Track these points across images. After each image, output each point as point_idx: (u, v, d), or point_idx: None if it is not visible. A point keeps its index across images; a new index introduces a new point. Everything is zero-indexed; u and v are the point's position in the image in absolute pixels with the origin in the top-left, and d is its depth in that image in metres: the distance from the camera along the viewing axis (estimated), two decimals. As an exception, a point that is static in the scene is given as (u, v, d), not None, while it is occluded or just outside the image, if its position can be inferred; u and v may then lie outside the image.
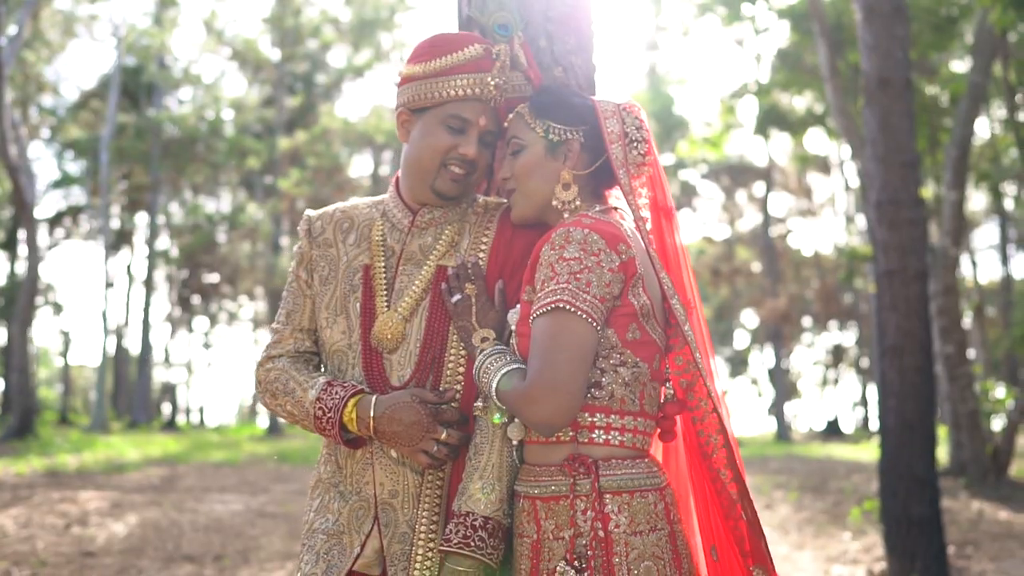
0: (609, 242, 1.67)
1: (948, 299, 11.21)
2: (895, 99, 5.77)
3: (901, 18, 5.91)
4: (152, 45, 26.70)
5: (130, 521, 7.83)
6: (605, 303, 1.65)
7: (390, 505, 1.82)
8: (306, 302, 1.98)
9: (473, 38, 1.89)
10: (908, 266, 5.62)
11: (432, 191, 1.90)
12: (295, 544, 7.05)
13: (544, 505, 1.68)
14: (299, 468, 12.82)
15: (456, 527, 1.72)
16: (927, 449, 5.56)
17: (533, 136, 1.81)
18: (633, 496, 1.65)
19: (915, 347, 5.59)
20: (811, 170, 34.04)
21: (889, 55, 5.82)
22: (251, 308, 46.11)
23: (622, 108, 1.83)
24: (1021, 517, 8.33)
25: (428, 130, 1.87)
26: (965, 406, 10.83)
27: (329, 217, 2.02)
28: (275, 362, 1.94)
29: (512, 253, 1.91)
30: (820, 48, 10.72)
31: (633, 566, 1.61)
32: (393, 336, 1.86)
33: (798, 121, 16.33)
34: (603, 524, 1.62)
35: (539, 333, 1.62)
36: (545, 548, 1.67)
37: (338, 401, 1.80)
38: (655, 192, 1.87)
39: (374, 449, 1.85)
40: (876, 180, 5.78)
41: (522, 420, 1.69)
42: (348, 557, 1.81)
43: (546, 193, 1.81)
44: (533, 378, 1.59)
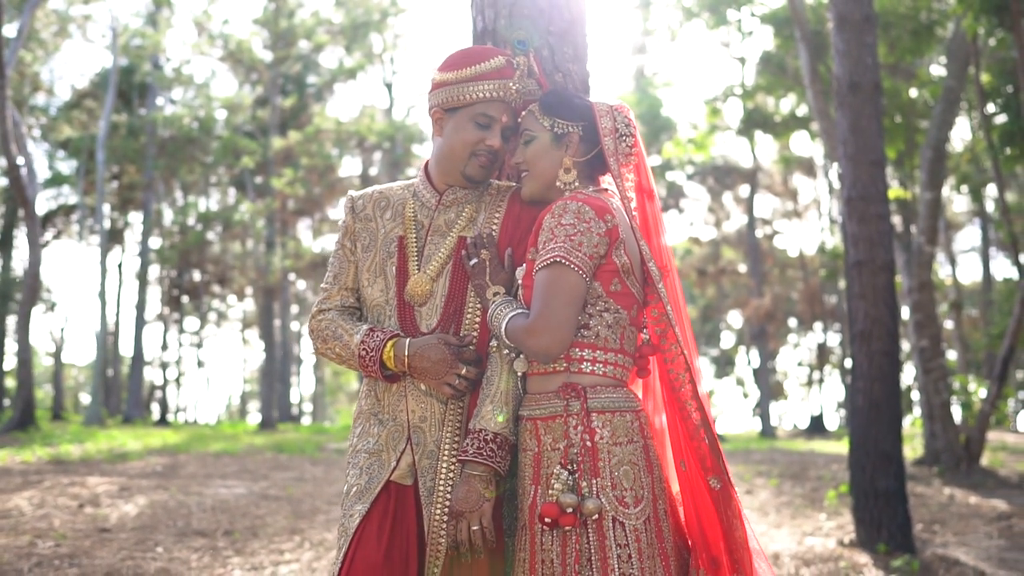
0: (598, 213, 2.10)
1: (923, 295, 11.66)
2: (865, 102, 6.19)
3: (870, 27, 6.33)
4: (146, 45, 27.00)
5: (139, 502, 8.18)
6: (593, 260, 2.08)
7: (420, 428, 2.26)
8: (350, 266, 2.42)
9: (496, 51, 2.33)
10: (876, 257, 6.05)
11: (463, 175, 2.34)
12: (300, 522, 7.43)
13: (543, 423, 2.12)
14: (295, 458, 13.16)
15: (472, 441, 2.15)
16: (893, 427, 5.99)
17: (542, 129, 2.25)
18: (614, 415, 2.10)
19: (882, 333, 6.02)
20: (796, 172, 34.54)
21: (859, 61, 6.25)
22: (240, 308, 46.47)
23: (614, 108, 2.27)
24: (989, 501, 8.74)
25: (460, 126, 2.30)
26: (939, 397, 11.28)
27: (369, 197, 2.47)
28: (325, 314, 2.39)
29: (519, 226, 2.34)
30: (801, 53, 11.16)
31: (614, 469, 2.06)
32: (423, 293, 2.31)
33: (781, 123, 16.73)
34: (590, 437, 2.06)
35: (540, 282, 2.06)
36: (544, 457, 2.10)
37: (379, 343, 2.25)
38: (639, 177, 2.32)
39: (407, 383, 2.28)
40: (847, 178, 6.21)
41: (525, 351, 2.12)
42: (386, 469, 2.24)
43: (551, 175, 2.25)
44: (535, 316, 2.03)
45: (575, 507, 2.00)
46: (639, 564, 2.00)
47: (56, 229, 33.40)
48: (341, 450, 14.87)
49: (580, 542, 2.01)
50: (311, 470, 11.62)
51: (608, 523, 2.01)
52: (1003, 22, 9.95)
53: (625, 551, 2.00)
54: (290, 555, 6.11)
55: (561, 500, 2.00)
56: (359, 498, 2.22)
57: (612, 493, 2.03)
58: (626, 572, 1.99)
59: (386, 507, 2.20)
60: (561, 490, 2.01)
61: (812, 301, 36.89)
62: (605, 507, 2.02)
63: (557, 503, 2.00)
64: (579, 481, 2.03)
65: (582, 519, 2.01)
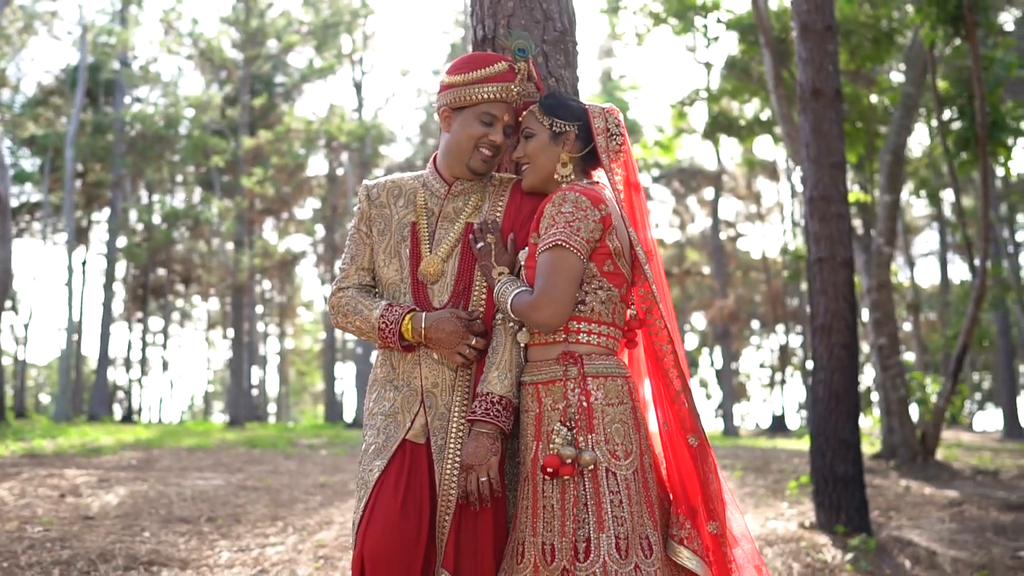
0: (593, 202, 2.39)
1: (881, 294, 12.05)
2: (826, 107, 6.52)
3: (832, 35, 6.66)
4: (114, 43, 26.94)
5: (120, 492, 8.32)
6: (589, 244, 2.37)
7: (432, 393, 2.54)
8: (366, 249, 2.69)
9: (499, 57, 2.61)
10: (836, 254, 6.38)
11: (468, 167, 2.62)
12: (280, 510, 7.62)
13: (544, 387, 2.41)
14: (268, 453, 13.32)
15: (479, 403, 2.43)
16: (851, 416, 6.32)
17: (541, 127, 2.54)
18: (607, 379, 2.39)
19: (842, 326, 6.35)
20: (759, 175, 35.07)
21: (821, 68, 6.57)
22: (204, 308, 46.32)
23: (605, 110, 2.56)
24: (942, 491, 9.12)
25: (466, 123, 2.58)
26: (896, 393, 11.68)
27: (383, 186, 2.74)
28: (345, 292, 2.66)
29: (521, 213, 2.63)
30: (766, 59, 11.49)
31: (607, 427, 2.35)
32: (435, 272, 2.59)
33: (746, 127, 17.07)
34: (586, 398, 2.35)
35: (543, 262, 2.34)
36: (545, 417, 2.38)
37: (398, 316, 2.52)
38: (627, 172, 2.60)
39: (421, 352, 2.56)
40: (809, 179, 6.53)
41: (529, 324, 2.39)
42: (402, 429, 2.51)
43: (550, 168, 2.53)
44: (538, 293, 2.32)
45: (574, 459, 2.28)
46: (628, 508, 2.29)
47: (18, 227, 33.15)
48: (313, 446, 15.05)
49: (578, 489, 2.29)
50: (285, 464, 11.80)
51: (602, 473, 2.30)
52: (958, 31, 10.34)
53: (617, 497, 2.29)
54: (275, 538, 6.32)
55: (561, 452, 2.28)
56: (377, 455, 2.49)
57: (605, 447, 2.32)
58: (617, 515, 2.27)
59: (402, 463, 2.47)
60: (561, 444, 2.29)
61: (775, 303, 37.42)
62: (599, 459, 2.30)
63: (558, 455, 2.28)
64: (576, 436, 2.31)
65: (579, 469, 2.29)
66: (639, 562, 2.26)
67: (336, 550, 5.94)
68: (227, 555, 5.73)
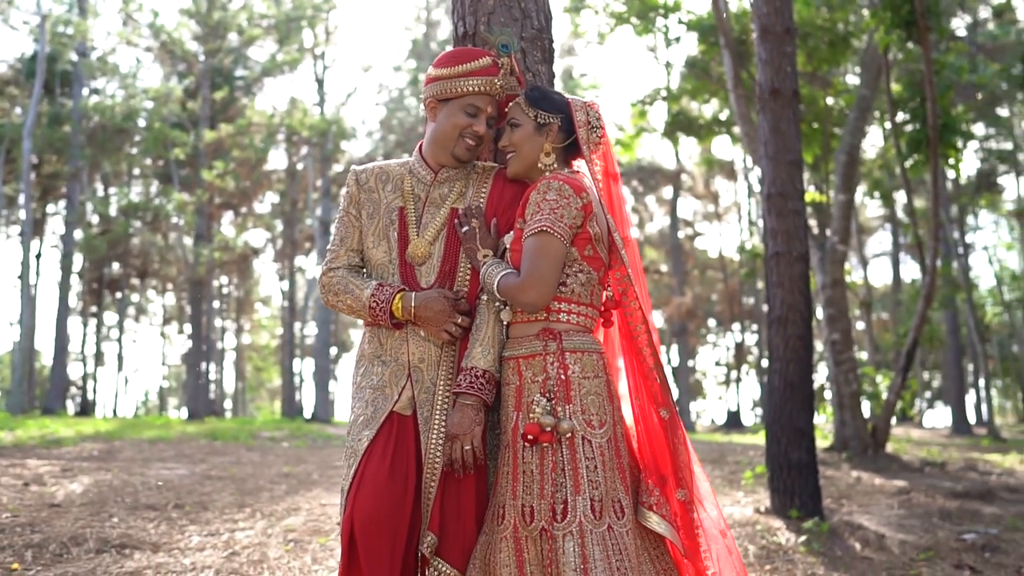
0: (575, 190, 2.56)
1: (835, 291, 12.36)
2: (784, 107, 6.74)
3: (791, 37, 6.89)
4: (72, 33, 26.65)
5: (84, 481, 8.35)
6: (571, 229, 2.54)
7: (419, 368, 2.69)
8: (355, 231, 2.84)
9: (484, 52, 2.77)
10: (792, 249, 6.61)
11: (452, 156, 2.78)
12: (247, 498, 7.70)
13: (524, 361, 2.58)
14: (230, 445, 13.35)
15: (464, 376, 2.60)
16: (806, 404, 6.55)
17: (527, 118, 2.70)
18: (584, 354, 2.56)
19: (797, 318, 6.57)
20: (717, 175, 35.49)
21: (780, 69, 6.79)
22: (159, 303, 45.90)
23: (587, 104, 2.73)
24: (892, 482, 9.41)
25: (451, 114, 2.74)
26: (848, 388, 11.98)
27: (371, 172, 2.89)
28: (336, 272, 2.80)
29: (503, 200, 2.79)
30: (725, 60, 11.73)
31: (584, 398, 2.52)
32: (422, 254, 2.75)
33: (705, 127, 17.33)
34: (564, 371, 2.52)
35: (529, 247, 2.51)
36: (525, 389, 2.55)
37: (388, 296, 2.67)
38: (605, 163, 2.78)
39: (408, 330, 2.71)
40: (767, 176, 6.75)
41: (516, 304, 2.55)
42: (389, 402, 2.66)
43: (533, 157, 2.70)
44: (525, 275, 2.48)
45: (553, 427, 2.45)
46: (603, 473, 2.46)
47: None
48: (275, 438, 15.08)
49: (556, 456, 2.46)
50: (247, 455, 11.84)
51: (579, 441, 2.47)
52: (911, 36, 10.66)
53: (592, 463, 2.46)
54: (243, 524, 6.41)
55: (541, 421, 2.45)
56: (366, 425, 2.64)
57: (582, 417, 2.49)
58: (592, 479, 2.44)
59: (389, 432, 2.62)
60: (541, 413, 2.46)
61: (731, 301, 37.91)
62: (576, 428, 2.47)
63: (538, 423, 2.45)
64: (555, 407, 2.48)
65: (558, 437, 2.46)
66: (612, 523, 2.43)
67: (305, 534, 6.06)
68: (197, 539, 5.82)
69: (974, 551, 5.83)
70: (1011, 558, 5.66)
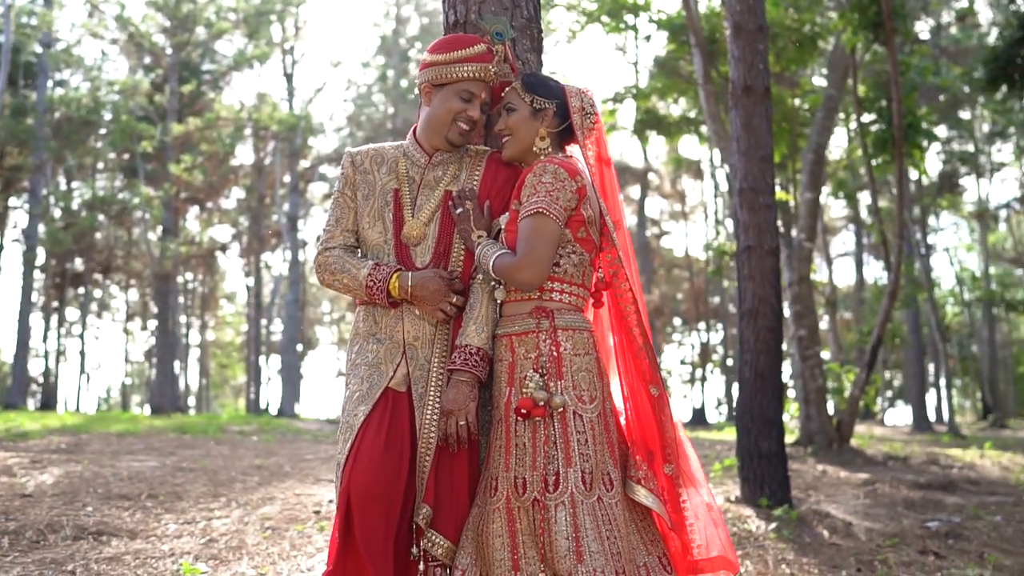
0: (570, 174, 2.64)
1: (802, 288, 12.54)
2: (756, 103, 6.86)
3: (763, 35, 7.01)
4: (38, 23, 26.34)
5: (55, 472, 8.30)
6: (566, 211, 2.61)
7: (413, 346, 2.76)
8: (350, 212, 2.90)
9: (478, 39, 2.84)
10: (763, 243, 6.73)
11: (446, 140, 2.85)
12: (220, 488, 7.71)
13: (517, 338, 2.65)
14: (199, 438, 13.28)
15: (459, 354, 2.67)
16: (775, 395, 6.68)
17: (523, 103, 2.77)
18: (575, 332, 2.64)
19: (768, 311, 6.70)
20: (685, 174, 35.75)
21: (752, 66, 6.91)
22: (123, 299, 45.44)
23: (581, 91, 2.81)
24: (856, 475, 9.58)
25: (446, 98, 2.81)
26: (814, 383, 12.17)
27: (366, 154, 2.95)
28: (332, 251, 2.86)
29: (496, 182, 2.86)
30: (696, 58, 11.87)
31: (575, 374, 2.60)
32: (417, 235, 2.81)
33: (673, 125, 17.47)
34: (556, 348, 2.60)
35: (525, 228, 2.58)
36: (518, 365, 2.63)
37: (385, 275, 2.74)
38: (599, 148, 2.86)
39: (403, 308, 2.78)
40: (739, 171, 6.87)
41: (511, 283, 2.63)
42: (385, 378, 2.73)
43: (529, 141, 2.77)
44: (521, 255, 2.56)
45: (545, 401, 2.53)
46: (593, 447, 2.55)
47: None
48: (244, 432, 15.03)
49: (548, 429, 2.54)
50: (217, 449, 11.80)
51: (570, 415, 2.55)
52: (878, 37, 10.86)
53: (583, 437, 2.54)
54: (219, 512, 6.43)
55: (535, 395, 2.52)
56: (361, 401, 2.71)
57: (573, 392, 2.57)
58: (583, 452, 2.53)
59: (384, 408, 2.69)
60: (534, 388, 2.54)
61: (697, 300, 38.17)
62: (568, 403, 2.55)
63: (531, 398, 2.53)
64: (548, 382, 2.56)
65: (550, 411, 2.53)
66: (601, 494, 2.51)
67: (282, 522, 6.09)
68: (174, 526, 5.83)
69: (938, 538, 5.98)
70: (973, 544, 5.82)
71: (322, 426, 18.70)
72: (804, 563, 5.18)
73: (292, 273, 29.46)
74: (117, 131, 25.75)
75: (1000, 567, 5.13)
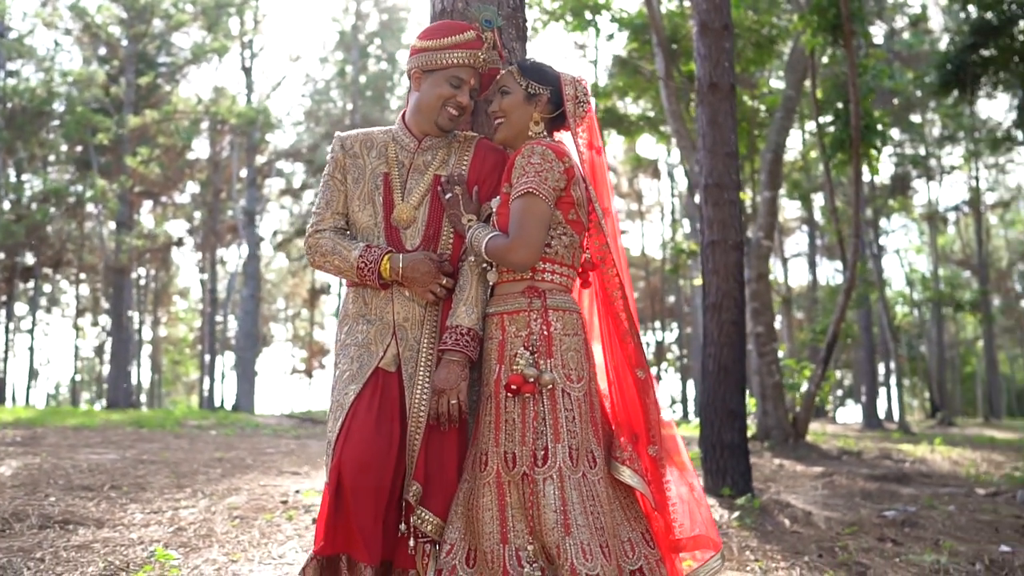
0: (558, 155, 2.70)
1: (760, 285, 12.73)
2: (722, 100, 6.98)
3: (728, 33, 7.13)
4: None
5: (12, 464, 8.20)
6: (555, 192, 2.68)
7: (403, 327, 2.81)
8: (340, 195, 2.94)
9: (468, 26, 2.89)
10: (727, 237, 6.85)
11: (435, 124, 2.89)
12: (183, 480, 7.67)
13: (508, 317, 2.71)
14: (157, 432, 13.18)
15: (450, 334, 2.72)
16: (738, 388, 6.80)
17: (518, 87, 2.83)
18: (565, 313, 2.71)
19: (731, 304, 6.82)
20: (642, 174, 35.99)
21: (718, 64, 7.03)
22: (72, 293, 44.74)
23: (576, 79, 2.88)
24: (813, 468, 9.77)
25: (436, 84, 2.86)
26: (771, 379, 12.36)
27: (355, 138, 2.99)
28: (323, 233, 2.89)
29: (484, 167, 2.92)
30: (658, 57, 12.01)
31: (564, 354, 2.66)
32: (408, 218, 2.86)
33: (633, 124, 17.60)
34: (547, 328, 2.66)
35: (516, 208, 2.64)
36: (508, 343, 2.69)
37: (377, 257, 2.78)
38: (590, 136, 2.92)
39: (393, 290, 2.83)
40: (705, 167, 6.98)
41: (505, 264, 2.68)
42: (375, 358, 2.78)
43: (522, 125, 2.83)
44: (514, 236, 2.61)
45: (535, 378, 2.59)
46: (580, 424, 2.62)
47: None
48: (202, 426, 14.93)
49: (537, 406, 2.60)
50: (176, 442, 11.72)
51: (559, 393, 2.61)
52: (837, 40, 11.06)
53: (570, 414, 2.61)
54: (186, 502, 6.41)
55: (525, 372, 2.59)
56: (352, 380, 2.75)
57: (562, 371, 2.64)
58: (571, 429, 2.60)
59: (375, 387, 2.74)
60: (525, 366, 2.60)
61: (652, 299, 38.44)
62: (557, 380, 2.62)
63: (522, 375, 2.59)
64: (538, 360, 2.62)
65: (539, 388, 2.60)
66: (586, 471, 2.59)
67: (249, 512, 6.09)
68: (141, 516, 5.81)
69: (894, 526, 6.14)
70: (928, 532, 5.98)
71: (281, 421, 18.62)
72: (767, 550, 5.30)
73: (249, 268, 29.21)
74: (71, 123, 25.37)
75: (955, 553, 5.28)
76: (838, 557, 5.14)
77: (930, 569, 4.89)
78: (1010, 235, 45.18)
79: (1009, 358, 53.82)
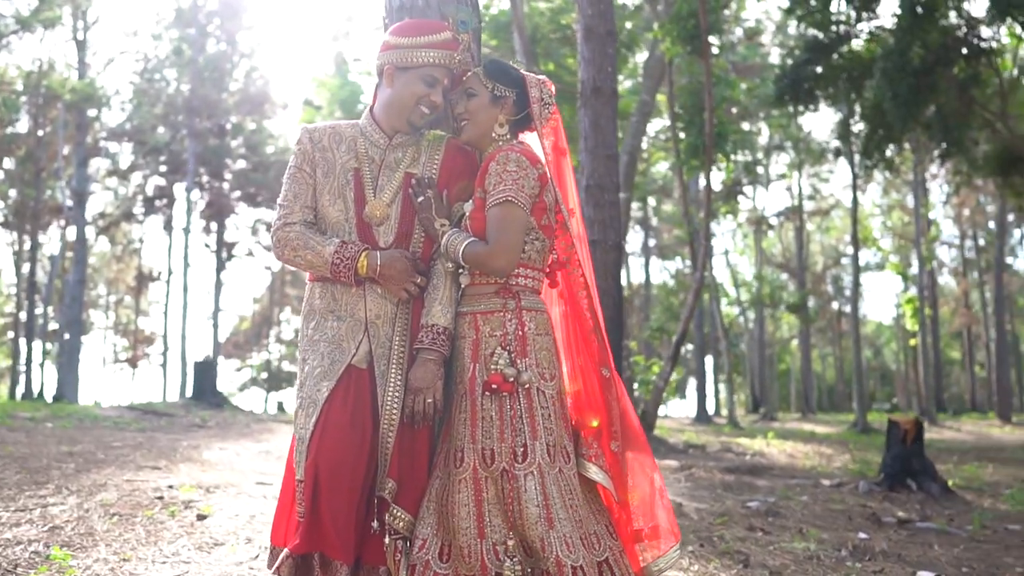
0: (532, 162, 2.76)
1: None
2: (604, 104, 7.19)
3: (612, 40, 7.34)
4: None
5: None
6: (531, 199, 2.74)
7: (375, 324, 2.81)
8: (308, 188, 2.89)
9: (444, 26, 2.90)
10: (607, 238, 7.07)
11: (407, 122, 2.89)
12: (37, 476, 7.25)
13: (482, 316, 2.76)
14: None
15: (426, 333, 2.75)
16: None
17: (484, 90, 2.86)
18: (538, 313, 2.79)
19: (610, 302, 7.04)
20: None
21: (602, 68, 7.23)
22: None
23: (541, 82, 2.92)
24: (665, 462, 10.17)
25: (410, 82, 2.85)
26: (622, 374, 12.76)
27: (324, 131, 2.95)
28: (292, 227, 2.84)
29: (454, 169, 2.93)
30: (520, 58, 12.19)
31: (537, 353, 2.73)
32: (381, 215, 2.85)
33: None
34: (522, 328, 2.73)
35: (494, 216, 2.68)
36: (483, 342, 2.74)
37: (354, 253, 2.76)
38: (556, 138, 2.97)
39: (366, 287, 2.82)
40: (586, 168, 7.17)
41: (484, 270, 2.73)
42: (347, 355, 2.77)
43: (486, 127, 2.86)
44: (493, 243, 2.66)
45: (514, 378, 2.65)
46: (556, 421, 2.70)
47: None
48: (36, 419, 14.12)
49: (514, 404, 2.66)
50: (11, 436, 11.05)
51: (535, 391, 2.68)
52: (695, 50, 11.52)
53: (546, 412, 2.69)
54: (52, 499, 6.10)
55: (504, 371, 2.65)
56: (324, 377, 2.73)
57: (536, 370, 2.71)
58: (547, 426, 2.67)
59: (347, 384, 2.73)
60: (504, 365, 2.66)
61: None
62: (533, 380, 2.68)
63: (501, 374, 2.65)
64: (515, 360, 2.68)
65: (517, 387, 2.66)
66: (562, 466, 2.67)
67: (125, 509, 5.86)
68: (7, 514, 5.50)
69: (759, 516, 6.51)
70: (791, 521, 6.37)
71: (122, 413, 17.78)
72: (652, 540, 5.51)
73: (78, 251, 27.75)
74: None
75: (821, 540, 5.65)
76: (719, 547, 5.40)
77: (803, 556, 5.21)
78: (825, 241, 48.22)
79: (820, 356, 57.32)
